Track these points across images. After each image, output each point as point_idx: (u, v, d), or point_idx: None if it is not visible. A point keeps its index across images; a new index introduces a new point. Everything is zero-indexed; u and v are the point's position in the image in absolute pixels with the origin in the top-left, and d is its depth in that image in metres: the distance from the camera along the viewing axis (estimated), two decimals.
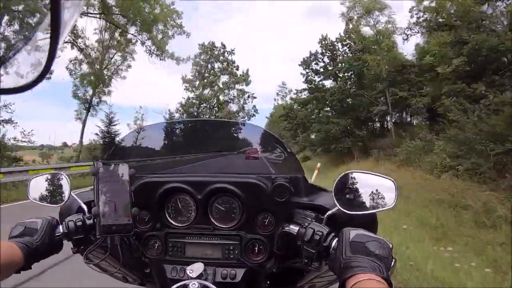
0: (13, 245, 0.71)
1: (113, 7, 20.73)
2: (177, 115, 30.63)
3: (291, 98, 29.54)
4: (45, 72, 0.37)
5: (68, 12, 0.36)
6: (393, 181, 0.81)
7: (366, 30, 18.22)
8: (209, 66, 33.31)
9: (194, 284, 0.78)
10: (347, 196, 0.81)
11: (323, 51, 21.71)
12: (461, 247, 4.45)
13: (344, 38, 20.71)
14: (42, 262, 0.77)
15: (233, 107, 33.16)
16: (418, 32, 16.24)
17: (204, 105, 32.91)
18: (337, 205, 0.79)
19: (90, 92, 22.22)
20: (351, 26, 19.29)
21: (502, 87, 9.85)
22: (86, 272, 1.13)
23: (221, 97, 33.41)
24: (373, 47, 17.09)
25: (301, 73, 22.22)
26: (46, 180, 0.98)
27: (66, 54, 21.20)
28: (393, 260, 0.64)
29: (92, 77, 21.78)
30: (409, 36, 16.67)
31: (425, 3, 15.06)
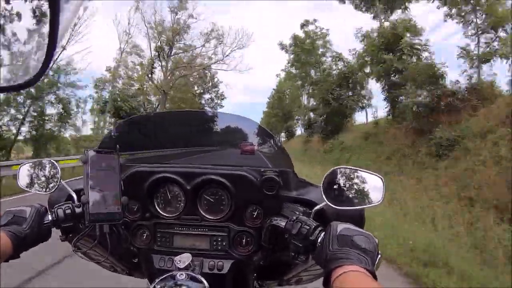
0: (1, 234, 0.70)
1: None
2: None
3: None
4: (43, 71, 0.38)
5: (67, 13, 0.36)
6: (381, 178, 0.82)
7: None
8: None
9: (181, 274, 0.78)
10: (336, 191, 0.82)
11: None
12: None
13: None
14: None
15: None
16: None
17: None
18: (325, 200, 0.80)
19: None
20: None
21: None
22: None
23: None
24: None
25: None
26: (35, 167, 0.97)
27: None
28: (379, 255, 0.65)
29: None
30: None
31: None
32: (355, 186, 0.83)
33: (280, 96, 41.44)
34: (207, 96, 30.29)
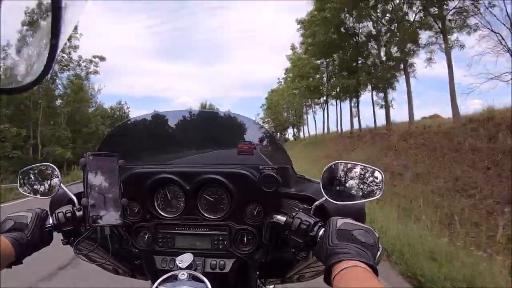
0: (4, 240, 0.71)
1: None
2: None
3: None
4: (45, 72, 0.37)
5: (69, 14, 0.36)
6: (380, 172, 0.82)
7: None
8: None
9: (183, 274, 0.78)
10: (335, 186, 0.82)
11: None
12: None
13: None
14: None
15: None
16: None
17: None
18: (325, 195, 0.80)
19: None
20: None
21: None
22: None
23: None
24: None
25: None
26: (36, 172, 0.97)
27: None
28: (380, 249, 0.66)
29: None
30: None
31: None
32: (355, 181, 0.83)
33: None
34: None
